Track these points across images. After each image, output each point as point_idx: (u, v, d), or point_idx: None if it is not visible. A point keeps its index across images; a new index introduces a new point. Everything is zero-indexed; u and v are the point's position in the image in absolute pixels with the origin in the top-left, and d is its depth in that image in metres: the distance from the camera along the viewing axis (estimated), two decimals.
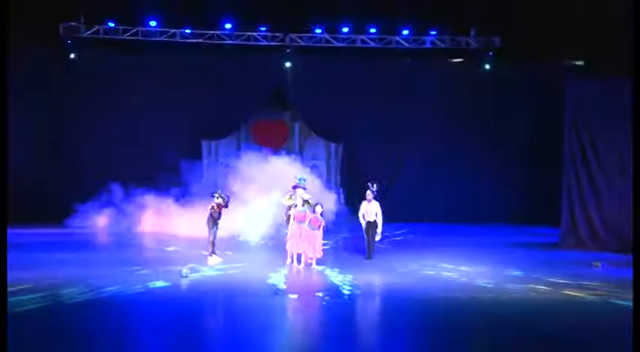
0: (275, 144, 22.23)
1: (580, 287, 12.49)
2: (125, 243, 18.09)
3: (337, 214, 18.58)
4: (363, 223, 15.31)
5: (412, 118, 23.52)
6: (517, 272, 14.08)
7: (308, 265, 14.59)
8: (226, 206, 14.81)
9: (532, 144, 23.76)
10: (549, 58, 22.67)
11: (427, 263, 15.14)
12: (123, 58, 22.56)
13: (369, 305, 11.93)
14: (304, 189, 15.50)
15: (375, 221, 15.22)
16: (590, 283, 12.87)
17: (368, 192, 15.46)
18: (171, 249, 16.61)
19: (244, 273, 13.74)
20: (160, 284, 12.44)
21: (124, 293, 11.62)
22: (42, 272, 12.84)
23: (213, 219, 14.73)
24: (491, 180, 23.75)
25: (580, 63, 22.76)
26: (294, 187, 15.56)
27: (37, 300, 10.76)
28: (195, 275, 13.26)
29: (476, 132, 23.77)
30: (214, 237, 14.78)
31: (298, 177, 15.86)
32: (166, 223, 19.89)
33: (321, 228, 14.68)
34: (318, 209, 14.62)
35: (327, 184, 18.49)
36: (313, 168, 21.54)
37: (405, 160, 23.74)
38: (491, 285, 12.80)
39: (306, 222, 14.51)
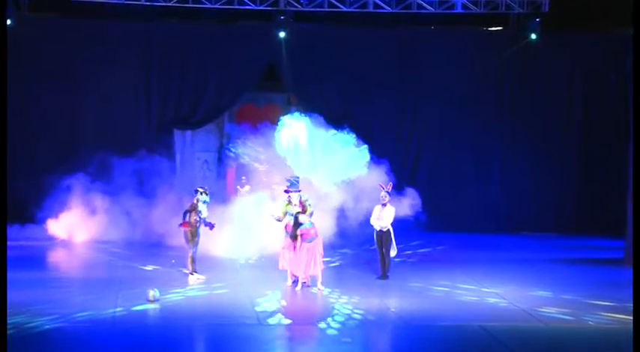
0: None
1: None
2: (87, 259, 18.18)
3: (416, 222, 18.82)
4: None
5: (437, 102, 23.40)
6: (570, 296, 14.14)
7: (307, 286, 14.70)
8: (210, 227, 15.41)
9: (588, 132, 23.69)
10: (611, 25, 22.51)
11: (455, 283, 15.22)
12: (73, 25, 22.44)
13: (382, 336, 11.87)
14: (298, 191, 15.36)
15: (388, 230, 15.19)
16: None
17: (382, 193, 15.41)
18: (149, 268, 16.77)
19: (229, 296, 13.92)
20: (133, 309, 12.64)
21: (91, 321, 11.86)
22: None
23: (192, 233, 15.14)
24: (535, 178, 23.65)
25: None
26: (286, 192, 15.45)
27: None
28: (174, 297, 13.52)
29: (516, 118, 23.68)
30: (194, 253, 15.20)
31: (290, 178, 15.70)
32: (133, 231, 20.14)
33: (319, 237, 14.83)
34: (303, 218, 14.73)
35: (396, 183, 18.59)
36: None
37: (427, 154, 23.62)
38: (539, 312, 12.77)
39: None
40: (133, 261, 17.46)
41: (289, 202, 15.33)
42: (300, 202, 15.19)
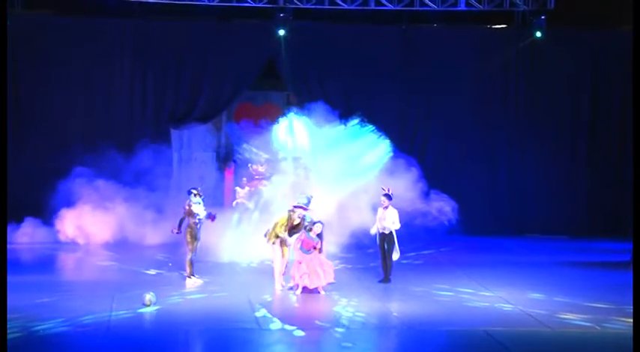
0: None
1: None
2: (83, 261, 18.27)
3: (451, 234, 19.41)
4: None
5: (442, 101, 23.42)
6: (577, 300, 14.17)
7: (316, 291, 14.74)
8: (212, 219, 15.39)
9: (597, 131, 23.71)
10: (618, 22, 22.51)
11: (458, 286, 15.24)
12: (67, 22, 22.43)
13: (384, 340, 11.88)
14: (305, 209, 15.28)
15: (390, 232, 15.19)
16: None
17: (382, 197, 15.43)
18: (146, 271, 16.82)
19: (228, 300, 13.98)
20: (129, 313, 12.70)
21: (86, 326, 11.91)
22: None
23: (191, 236, 15.20)
24: (542, 179, 23.65)
25: None
26: (295, 207, 15.35)
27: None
28: (171, 301, 13.58)
29: (522, 117, 23.69)
30: (193, 256, 15.28)
31: (305, 196, 15.59)
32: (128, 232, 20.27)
33: (317, 249, 14.74)
34: (317, 228, 14.65)
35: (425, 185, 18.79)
36: None
37: (430, 154, 23.59)
38: (546, 316, 12.77)
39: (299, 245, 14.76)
40: (129, 263, 17.50)
41: (292, 219, 15.19)
42: (302, 221, 15.04)
